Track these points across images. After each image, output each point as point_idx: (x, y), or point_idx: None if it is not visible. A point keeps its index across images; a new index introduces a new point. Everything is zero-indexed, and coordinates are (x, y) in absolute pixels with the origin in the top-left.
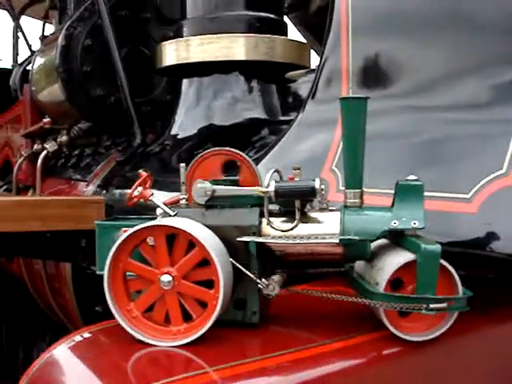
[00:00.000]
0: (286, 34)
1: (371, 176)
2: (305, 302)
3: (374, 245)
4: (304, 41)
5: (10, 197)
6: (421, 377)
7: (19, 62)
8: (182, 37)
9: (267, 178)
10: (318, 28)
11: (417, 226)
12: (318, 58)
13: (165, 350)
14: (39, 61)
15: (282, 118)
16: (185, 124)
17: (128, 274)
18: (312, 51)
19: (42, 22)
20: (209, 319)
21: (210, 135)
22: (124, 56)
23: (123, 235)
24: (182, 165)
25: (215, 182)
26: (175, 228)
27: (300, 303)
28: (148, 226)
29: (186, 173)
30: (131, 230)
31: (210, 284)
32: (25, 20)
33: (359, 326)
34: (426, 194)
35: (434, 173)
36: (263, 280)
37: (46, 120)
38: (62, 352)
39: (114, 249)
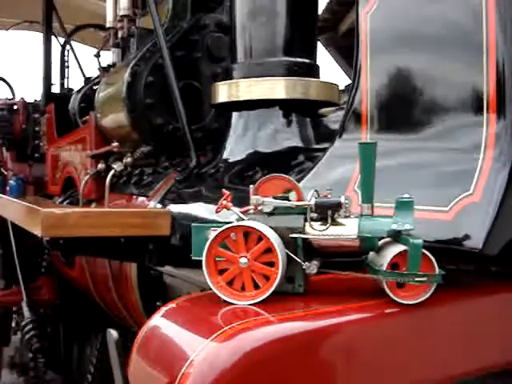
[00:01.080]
0: (318, 75)
1: (379, 195)
2: (334, 281)
3: (380, 241)
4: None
5: (87, 208)
6: (410, 327)
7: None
8: (232, 78)
9: (309, 195)
10: (347, 49)
11: (408, 228)
12: (347, 79)
13: (241, 307)
14: (103, 91)
15: (315, 146)
16: (234, 150)
17: (217, 258)
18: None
19: None
20: (271, 287)
21: (257, 160)
22: (180, 89)
23: (215, 232)
24: (251, 186)
25: (274, 197)
26: (250, 227)
27: (330, 282)
28: (232, 226)
29: (254, 189)
30: (221, 229)
31: (271, 265)
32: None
33: (370, 296)
34: (417, 206)
35: (423, 192)
36: (306, 263)
37: (115, 144)
38: (168, 311)
39: (209, 241)
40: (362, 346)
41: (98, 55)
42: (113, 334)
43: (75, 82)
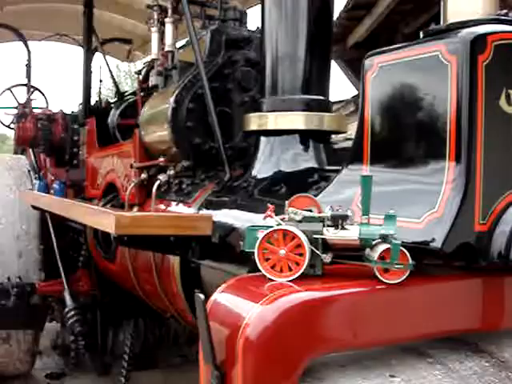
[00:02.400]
0: (330, 109)
1: (373, 209)
2: (342, 267)
3: (373, 241)
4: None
5: (148, 212)
6: (392, 298)
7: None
8: (261, 110)
9: (327, 208)
10: (354, 62)
11: (392, 233)
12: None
13: (280, 282)
14: (148, 112)
15: (327, 168)
16: (262, 169)
17: (264, 250)
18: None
19: None
20: (300, 270)
21: (281, 178)
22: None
23: (263, 233)
24: (286, 202)
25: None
26: (287, 230)
27: (339, 268)
28: (275, 229)
29: (288, 203)
30: (268, 231)
31: (300, 255)
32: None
33: (366, 277)
34: (399, 218)
35: (404, 208)
36: (323, 255)
37: (162, 159)
38: (229, 286)
39: (260, 239)
40: (359, 308)
41: (138, 73)
42: (200, 296)
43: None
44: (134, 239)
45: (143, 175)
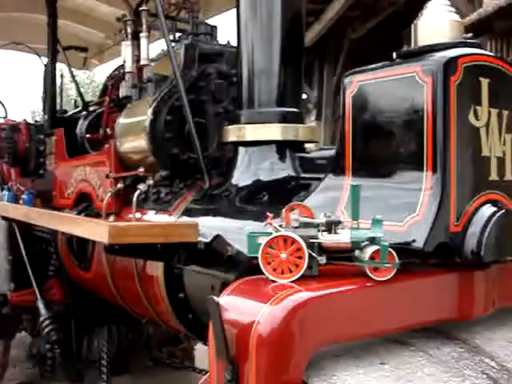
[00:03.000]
0: (303, 120)
1: (362, 215)
2: (335, 268)
3: (362, 243)
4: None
5: (139, 222)
6: (381, 293)
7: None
8: (239, 122)
9: (321, 215)
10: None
11: (380, 235)
12: None
13: (282, 284)
14: (123, 123)
15: (303, 175)
16: (241, 178)
17: (266, 254)
18: None
19: None
20: (300, 272)
21: (260, 186)
22: None
23: (266, 239)
24: (283, 209)
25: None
26: (288, 236)
27: (333, 268)
28: (277, 236)
29: (285, 211)
30: (270, 237)
31: (299, 258)
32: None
33: (357, 276)
34: (385, 222)
35: (388, 213)
36: (319, 257)
37: (141, 169)
38: (235, 288)
39: (263, 244)
40: (354, 303)
41: (106, 85)
42: (215, 299)
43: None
44: (123, 248)
45: (119, 185)
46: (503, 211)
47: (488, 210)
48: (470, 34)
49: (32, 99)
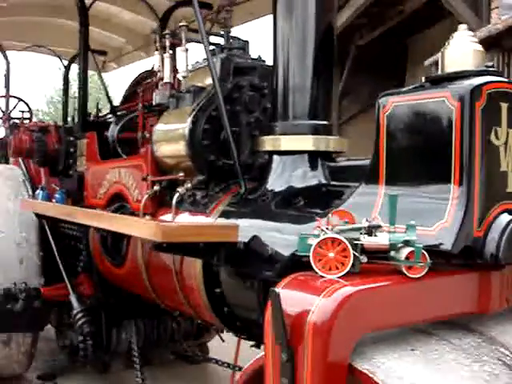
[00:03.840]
0: (332, 132)
1: (398, 221)
2: (375, 266)
3: (398, 245)
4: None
5: (187, 223)
6: (415, 288)
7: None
8: (274, 133)
9: (364, 220)
10: None
11: (414, 238)
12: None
13: (330, 279)
14: (161, 130)
15: (332, 183)
16: (275, 183)
17: (317, 253)
18: None
19: None
20: (346, 269)
21: (293, 192)
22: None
23: (316, 240)
24: (330, 214)
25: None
26: (335, 238)
27: (373, 266)
28: (326, 237)
29: (331, 215)
30: (320, 238)
31: (345, 257)
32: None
33: (394, 273)
34: (418, 227)
35: (421, 219)
36: (361, 256)
37: (181, 174)
38: (288, 283)
39: (314, 244)
40: (390, 296)
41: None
42: (276, 290)
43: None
44: (170, 246)
45: (155, 187)
46: None
47: (505, 218)
48: (491, 63)
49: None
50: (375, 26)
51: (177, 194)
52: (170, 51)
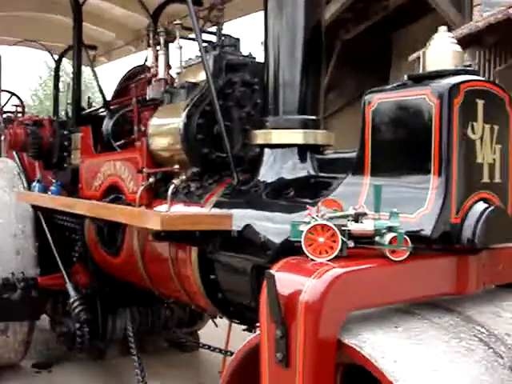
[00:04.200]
0: (321, 126)
1: (382, 209)
2: (360, 250)
3: (382, 231)
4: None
5: (185, 212)
6: (397, 270)
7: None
8: (266, 128)
9: (350, 208)
10: None
11: (397, 225)
12: None
13: (320, 262)
14: (156, 124)
15: (320, 174)
16: (266, 175)
17: (308, 238)
18: None
19: None
20: (334, 253)
21: (283, 183)
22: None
23: (307, 226)
24: (319, 203)
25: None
26: (325, 224)
27: (359, 250)
28: (316, 224)
29: (321, 204)
30: (310, 225)
31: (333, 242)
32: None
33: (378, 256)
34: (401, 214)
35: (403, 207)
36: (348, 241)
37: (176, 166)
38: (281, 266)
39: (305, 230)
40: (375, 277)
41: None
42: (271, 272)
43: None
44: (168, 234)
45: (151, 179)
46: (492, 207)
47: (481, 206)
48: (469, 63)
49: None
50: (360, 20)
51: (172, 186)
52: (164, 48)
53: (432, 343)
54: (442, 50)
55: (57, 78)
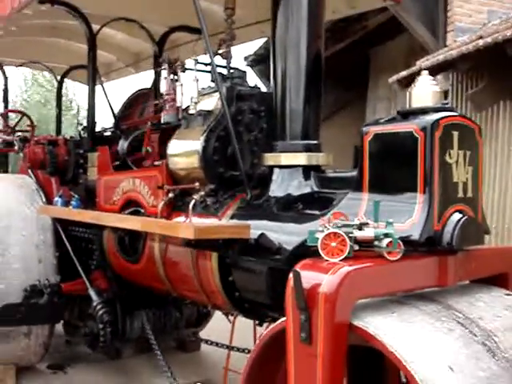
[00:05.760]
0: (321, 149)
1: (380, 219)
2: (363, 252)
3: (381, 237)
4: None
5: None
6: (392, 268)
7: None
8: (275, 151)
9: (355, 219)
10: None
11: (392, 232)
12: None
13: (333, 262)
14: (175, 145)
15: (322, 190)
16: (275, 191)
17: (323, 243)
18: None
19: None
20: (344, 254)
21: (291, 198)
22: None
23: (322, 234)
24: (330, 215)
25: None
26: (337, 232)
27: (362, 252)
28: (329, 232)
29: (332, 216)
30: (325, 232)
31: (343, 245)
32: None
33: (378, 257)
34: (395, 223)
35: (396, 217)
36: (354, 245)
37: (197, 184)
38: (302, 265)
39: (321, 237)
40: (376, 273)
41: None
42: (298, 270)
43: None
44: (197, 242)
45: (170, 194)
46: (466, 217)
47: (457, 216)
48: (446, 101)
49: None
50: (340, 39)
51: (193, 200)
52: (175, 77)
53: (420, 325)
54: (424, 91)
55: (59, 97)
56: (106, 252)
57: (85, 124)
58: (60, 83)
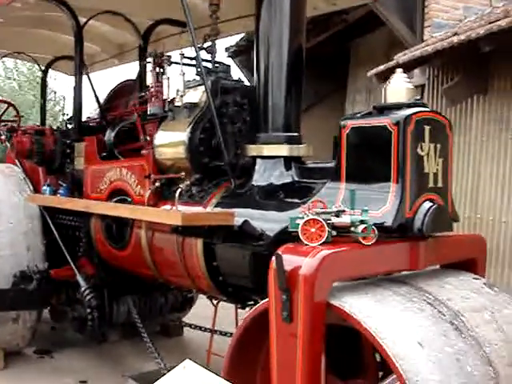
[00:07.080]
0: (301, 141)
1: (356, 206)
2: (340, 237)
3: (356, 223)
4: None
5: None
6: (367, 252)
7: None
8: (258, 143)
9: (333, 207)
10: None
11: (367, 219)
12: None
13: (312, 246)
14: (162, 136)
15: (302, 180)
16: (258, 180)
17: (303, 229)
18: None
19: None
20: (322, 239)
21: (273, 187)
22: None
23: (302, 220)
24: (309, 203)
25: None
26: (316, 219)
27: (339, 238)
28: (310, 218)
29: (312, 203)
30: (306, 219)
31: (322, 231)
32: None
33: (353, 242)
34: (370, 211)
35: (371, 205)
36: (332, 231)
37: (182, 173)
38: (284, 249)
39: (301, 223)
40: (352, 257)
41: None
42: (279, 253)
43: None
44: (183, 229)
45: (157, 184)
46: (436, 205)
47: (427, 204)
48: (418, 96)
49: None
50: (320, 31)
51: (179, 189)
52: (161, 70)
53: (393, 304)
54: (398, 87)
55: (43, 88)
56: (93, 239)
57: (70, 114)
58: (44, 73)
